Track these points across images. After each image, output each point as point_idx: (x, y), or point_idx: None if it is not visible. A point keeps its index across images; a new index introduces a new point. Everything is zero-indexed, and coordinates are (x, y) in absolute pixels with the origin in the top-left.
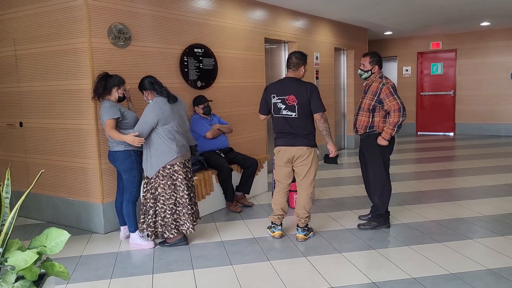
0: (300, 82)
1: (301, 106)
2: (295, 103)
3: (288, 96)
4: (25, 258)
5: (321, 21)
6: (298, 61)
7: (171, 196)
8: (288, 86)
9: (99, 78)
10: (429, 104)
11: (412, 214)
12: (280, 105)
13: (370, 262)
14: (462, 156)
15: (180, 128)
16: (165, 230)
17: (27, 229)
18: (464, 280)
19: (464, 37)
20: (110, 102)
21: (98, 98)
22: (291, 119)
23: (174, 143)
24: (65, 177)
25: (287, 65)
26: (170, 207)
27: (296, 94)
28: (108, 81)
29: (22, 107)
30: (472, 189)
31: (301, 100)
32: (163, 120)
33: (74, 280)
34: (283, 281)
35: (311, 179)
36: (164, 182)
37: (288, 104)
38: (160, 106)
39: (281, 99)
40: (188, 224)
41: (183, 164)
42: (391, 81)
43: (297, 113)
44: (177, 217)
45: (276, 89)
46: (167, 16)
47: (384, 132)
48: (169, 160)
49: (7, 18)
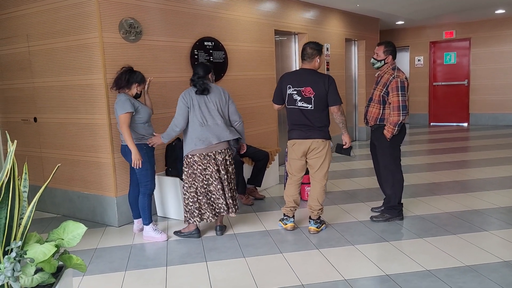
0: (318, 74)
1: (318, 98)
2: (311, 95)
3: (305, 88)
4: (44, 250)
5: (332, 12)
6: (313, 51)
7: (192, 184)
8: (305, 78)
9: (124, 71)
10: (442, 94)
11: (425, 206)
12: (295, 97)
13: (383, 255)
14: (476, 147)
15: (206, 121)
16: (189, 217)
17: (43, 222)
18: (480, 272)
19: (478, 25)
20: (126, 95)
21: (117, 89)
22: (306, 111)
23: (194, 135)
24: (80, 171)
25: (302, 57)
26: (192, 195)
27: (313, 86)
28: (132, 76)
29: (36, 103)
30: (486, 180)
31: (318, 92)
32: (191, 109)
33: (90, 272)
34: (296, 273)
35: (325, 172)
36: (186, 170)
37: (305, 96)
38: (188, 93)
39: (297, 91)
40: (208, 213)
41: (203, 155)
42: (403, 75)
43: (313, 105)
44: (199, 205)
45: (292, 80)
46: (177, 9)
47: (385, 130)
48: (189, 151)
49: (21, 15)
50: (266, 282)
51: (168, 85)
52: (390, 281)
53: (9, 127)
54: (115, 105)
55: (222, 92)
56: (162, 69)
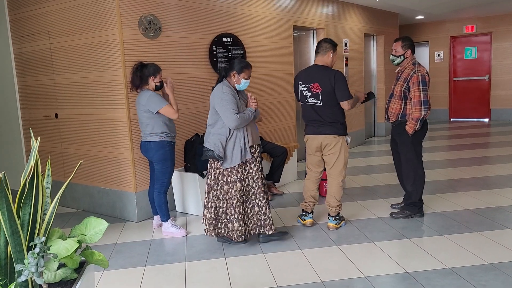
0: (326, 70)
1: (325, 94)
2: (319, 91)
3: (313, 84)
4: (66, 246)
5: (350, 7)
6: (327, 45)
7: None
8: (313, 74)
9: (134, 69)
10: (462, 89)
11: (446, 202)
12: (306, 93)
13: (404, 252)
14: (497, 143)
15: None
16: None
17: (64, 217)
18: (502, 271)
19: (499, 19)
20: (149, 91)
21: (136, 89)
22: (317, 107)
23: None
24: (100, 167)
25: (316, 50)
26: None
27: (320, 82)
28: (143, 71)
29: (57, 99)
30: (508, 177)
31: (325, 88)
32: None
33: (110, 267)
34: (315, 270)
35: (340, 168)
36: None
37: (313, 92)
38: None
39: (307, 87)
40: None
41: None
42: (424, 70)
43: (321, 101)
44: None
45: (303, 77)
46: (196, 5)
47: (407, 126)
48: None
49: (42, 12)
50: (285, 279)
51: (187, 81)
52: (411, 279)
53: (31, 123)
54: (147, 102)
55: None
56: (181, 65)
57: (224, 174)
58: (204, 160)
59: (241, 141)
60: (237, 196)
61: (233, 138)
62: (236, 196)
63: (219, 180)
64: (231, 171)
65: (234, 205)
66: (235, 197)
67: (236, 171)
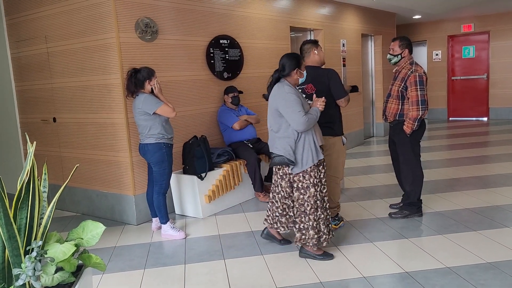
0: (319, 70)
1: (319, 94)
2: (313, 92)
3: (307, 85)
4: (64, 250)
5: (347, 7)
6: (306, 46)
7: None
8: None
9: (129, 76)
10: (461, 88)
11: (445, 202)
12: None
13: (403, 252)
14: (496, 142)
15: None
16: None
17: (63, 221)
18: (501, 270)
19: (497, 18)
20: (144, 94)
21: (132, 95)
22: None
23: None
24: (98, 170)
25: (301, 56)
26: None
27: (314, 82)
28: (137, 77)
29: (55, 103)
30: (507, 176)
31: (319, 88)
32: None
33: (109, 270)
34: (313, 270)
35: (337, 169)
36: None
37: (307, 93)
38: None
39: (301, 88)
40: None
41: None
42: (421, 69)
43: None
44: None
45: None
46: (192, 8)
47: (405, 126)
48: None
49: (39, 17)
50: (284, 280)
51: (184, 83)
52: (410, 278)
53: (29, 127)
54: (143, 104)
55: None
56: (178, 68)
57: (295, 180)
58: (202, 162)
59: (311, 142)
60: (310, 202)
61: (302, 140)
62: (309, 203)
63: (290, 187)
64: (303, 176)
65: (308, 212)
66: (308, 203)
67: (309, 175)
